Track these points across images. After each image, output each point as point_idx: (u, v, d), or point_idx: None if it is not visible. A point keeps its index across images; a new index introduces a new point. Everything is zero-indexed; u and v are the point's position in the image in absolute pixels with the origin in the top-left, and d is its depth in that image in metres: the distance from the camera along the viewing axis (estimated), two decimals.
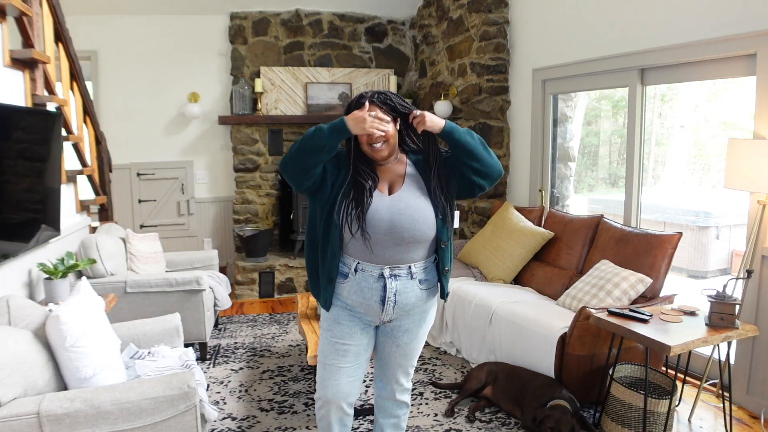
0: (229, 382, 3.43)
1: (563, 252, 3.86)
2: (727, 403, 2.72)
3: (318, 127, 1.87)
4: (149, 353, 2.54)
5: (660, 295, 3.15)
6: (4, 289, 2.63)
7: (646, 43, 3.54)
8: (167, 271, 4.11)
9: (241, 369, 3.63)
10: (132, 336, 2.65)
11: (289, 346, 4.05)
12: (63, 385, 2.09)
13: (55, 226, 3.05)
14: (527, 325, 3.16)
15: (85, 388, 2.00)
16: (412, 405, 3.05)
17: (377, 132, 1.87)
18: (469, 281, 4.01)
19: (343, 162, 1.97)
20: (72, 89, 3.97)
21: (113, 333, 2.39)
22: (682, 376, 3.03)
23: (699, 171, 5.82)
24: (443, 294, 2.11)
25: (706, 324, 2.59)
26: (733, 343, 2.85)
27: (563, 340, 2.90)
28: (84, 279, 2.49)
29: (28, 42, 3.01)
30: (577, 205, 4.98)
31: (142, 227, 5.72)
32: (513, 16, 4.74)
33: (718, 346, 2.72)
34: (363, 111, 1.85)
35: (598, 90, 4.52)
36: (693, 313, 2.73)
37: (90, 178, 4.26)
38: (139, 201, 5.75)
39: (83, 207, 4.09)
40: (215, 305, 4.02)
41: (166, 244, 4.65)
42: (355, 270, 1.96)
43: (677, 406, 2.98)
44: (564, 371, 2.90)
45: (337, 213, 1.92)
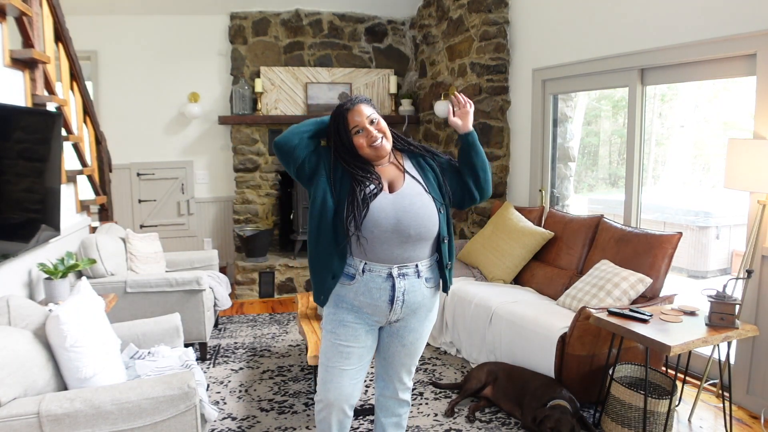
0: (229, 382, 3.43)
1: (563, 252, 3.86)
2: (727, 403, 2.72)
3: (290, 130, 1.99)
4: (149, 353, 2.54)
5: (660, 295, 3.15)
6: (4, 289, 2.63)
7: (646, 43, 3.54)
8: (167, 271, 4.11)
9: (241, 369, 3.63)
10: (132, 336, 2.65)
11: (289, 346, 4.05)
12: (63, 385, 2.09)
13: (55, 226, 3.05)
14: (527, 325, 3.16)
15: (85, 388, 2.00)
16: (412, 405, 3.05)
17: (376, 137, 1.95)
18: (469, 281, 4.01)
19: (338, 166, 1.99)
20: (72, 89, 3.97)
21: (113, 333, 2.39)
22: (682, 376, 3.03)
23: (699, 171, 5.82)
24: (446, 287, 2.11)
25: (706, 324, 2.59)
26: (733, 343, 2.85)
27: (563, 340, 2.90)
28: (84, 279, 2.49)
29: (28, 42, 3.01)
30: (577, 205, 4.98)
31: (142, 227, 5.73)
32: (513, 16, 4.74)
33: (718, 346, 2.72)
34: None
35: (598, 90, 4.52)
36: (693, 313, 2.73)
37: (90, 178, 4.26)
38: (139, 201, 5.75)
39: (83, 207, 4.09)
40: (215, 305, 4.02)
41: (166, 244, 4.65)
42: (363, 271, 1.96)
43: (677, 406, 2.98)
44: (564, 371, 2.90)
45: (343, 217, 1.92)
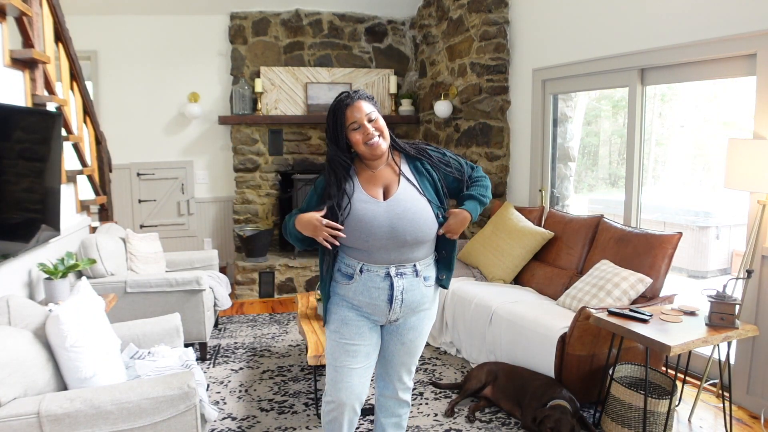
0: (229, 382, 3.43)
1: (563, 252, 3.85)
2: (727, 403, 2.72)
3: (286, 223, 2.04)
4: (149, 353, 2.54)
5: (660, 295, 3.15)
6: (4, 289, 2.63)
7: (646, 43, 3.54)
8: (167, 271, 4.11)
9: (241, 369, 3.63)
10: (132, 336, 2.65)
11: (289, 346, 4.05)
12: (63, 385, 2.09)
13: (55, 226, 3.05)
14: (527, 325, 3.16)
15: (85, 388, 2.00)
16: (411, 405, 3.05)
17: (372, 135, 1.94)
18: (469, 281, 4.01)
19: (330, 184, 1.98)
20: (72, 89, 3.97)
21: (113, 333, 2.39)
22: (682, 376, 3.02)
23: (699, 171, 5.82)
24: (445, 282, 2.10)
25: (706, 324, 2.59)
26: (733, 343, 2.85)
27: (563, 340, 2.90)
28: (84, 279, 2.49)
29: (28, 42, 3.01)
30: (577, 205, 4.98)
31: (142, 227, 5.73)
32: (513, 16, 4.74)
33: (718, 346, 2.72)
34: (313, 216, 1.89)
35: (598, 90, 4.52)
36: (693, 313, 2.73)
37: (90, 178, 4.26)
38: (139, 201, 5.75)
39: (83, 207, 4.09)
40: (215, 305, 4.02)
41: (166, 244, 4.65)
42: (361, 270, 1.96)
43: (677, 406, 2.98)
44: (564, 371, 2.90)
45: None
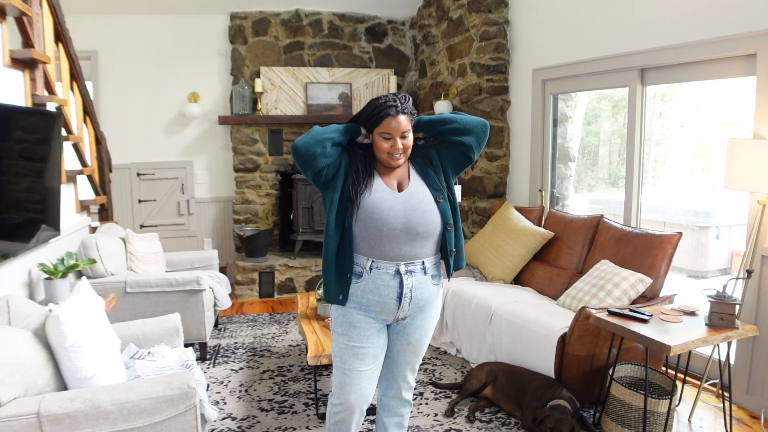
0: (229, 382, 3.43)
1: (563, 252, 3.85)
2: (727, 403, 2.72)
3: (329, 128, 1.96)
4: (149, 353, 2.54)
5: (660, 295, 3.15)
6: (4, 289, 2.63)
7: (646, 43, 3.54)
8: (167, 271, 4.11)
9: (241, 369, 3.63)
10: (132, 336, 2.65)
11: (289, 346, 4.05)
12: (63, 385, 2.09)
13: (55, 226, 3.05)
14: (527, 325, 3.16)
15: (85, 388, 2.00)
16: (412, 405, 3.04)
17: (399, 152, 1.95)
18: (469, 281, 4.01)
19: (357, 164, 2.00)
20: (72, 89, 3.97)
21: (113, 333, 2.39)
22: (682, 376, 3.03)
23: (699, 171, 5.82)
24: (449, 272, 2.08)
25: (706, 324, 2.59)
26: (733, 343, 2.85)
27: (563, 340, 2.90)
28: (84, 279, 2.49)
29: (28, 42, 3.01)
30: (577, 205, 4.98)
31: (142, 227, 5.73)
32: (513, 16, 4.74)
33: (718, 346, 2.72)
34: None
35: (598, 90, 4.52)
36: (693, 313, 2.73)
37: (90, 178, 4.26)
38: (139, 201, 5.75)
39: (83, 207, 4.09)
40: (215, 305, 4.02)
41: (166, 244, 4.65)
42: (370, 269, 1.97)
43: (677, 406, 2.98)
44: (564, 371, 2.90)
45: (347, 201, 1.94)
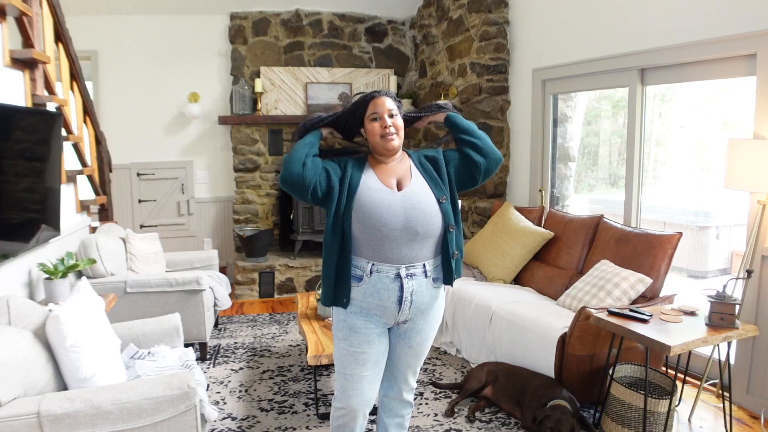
0: (229, 382, 3.43)
1: (563, 252, 3.85)
2: (727, 403, 2.72)
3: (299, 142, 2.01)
4: (149, 353, 2.54)
5: (660, 295, 3.15)
6: (4, 289, 2.63)
7: (646, 43, 3.54)
8: (167, 271, 4.11)
9: (241, 369, 3.63)
10: (132, 336, 2.65)
11: (289, 346, 4.05)
12: (63, 385, 2.09)
13: (55, 226, 3.05)
14: (527, 325, 3.16)
15: (85, 388, 2.00)
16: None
17: (390, 129, 1.98)
18: (469, 281, 4.01)
19: (346, 166, 2.01)
20: (72, 89, 3.97)
21: (113, 333, 2.39)
22: (682, 376, 3.03)
23: (699, 171, 5.82)
24: (451, 279, 2.05)
25: (706, 324, 2.59)
26: (733, 343, 2.85)
27: (563, 340, 2.90)
28: (84, 279, 2.49)
29: (28, 42, 3.01)
30: (577, 205, 4.98)
31: (142, 227, 5.73)
32: (513, 16, 4.74)
33: (718, 346, 2.72)
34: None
35: (598, 90, 4.52)
36: (693, 313, 2.73)
37: (90, 178, 4.26)
38: (139, 201, 5.75)
39: (83, 207, 4.09)
40: (215, 305, 4.02)
41: (166, 244, 4.65)
42: (371, 272, 1.95)
43: (677, 406, 2.98)
44: (564, 371, 2.90)
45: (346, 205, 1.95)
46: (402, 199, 1.95)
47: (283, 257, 5.59)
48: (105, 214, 4.58)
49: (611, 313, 2.69)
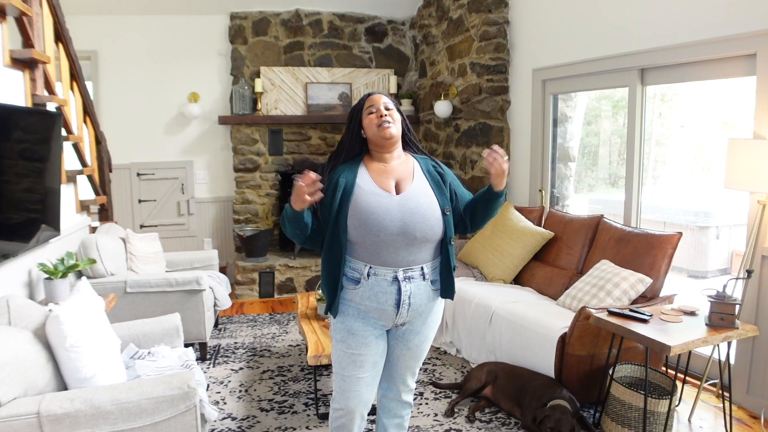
0: (229, 382, 3.43)
1: (563, 252, 3.85)
2: (727, 403, 2.72)
3: (284, 213, 1.93)
4: (149, 353, 2.54)
5: (660, 295, 3.15)
6: (4, 289, 2.63)
7: (646, 43, 3.54)
8: (167, 271, 4.11)
9: (241, 369, 3.63)
10: (132, 336, 2.65)
11: (289, 346, 4.05)
12: (63, 385, 2.09)
13: (55, 226, 3.04)
14: (527, 325, 3.16)
15: (85, 388, 2.00)
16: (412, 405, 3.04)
17: (386, 119, 1.95)
18: (469, 281, 4.01)
19: (338, 180, 1.97)
20: (72, 89, 3.97)
21: (113, 333, 2.39)
22: (682, 376, 3.03)
23: (699, 171, 5.82)
24: (452, 292, 2.06)
25: (706, 324, 2.59)
26: (733, 343, 2.84)
27: (563, 340, 2.90)
28: (84, 279, 2.49)
29: (28, 42, 3.01)
30: (577, 205, 4.97)
31: (142, 227, 5.73)
32: (513, 16, 4.74)
33: (718, 346, 2.72)
34: (299, 180, 1.80)
35: (598, 90, 4.52)
36: (693, 313, 2.73)
37: (90, 178, 4.26)
38: (139, 201, 5.75)
39: (83, 207, 4.09)
40: (215, 305, 4.02)
41: (166, 244, 4.65)
42: (368, 275, 1.93)
43: (677, 406, 2.98)
44: (564, 371, 2.90)
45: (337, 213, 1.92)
46: (400, 203, 1.92)
47: (283, 257, 5.59)
48: (105, 214, 4.58)
49: (611, 313, 2.69)
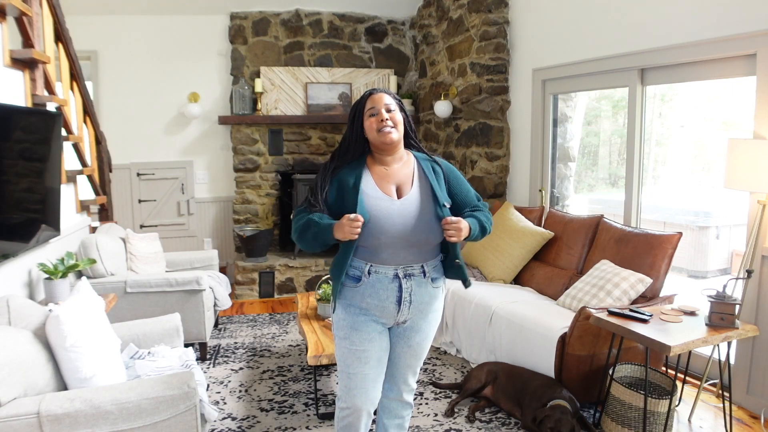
0: (229, 382, 3.43)
1: (563, 252, 3.85)
2: (727, 403, 2.72)
3: (307, 224, 1.91)
4: (149, 353, 2.54)
5: (660, 295, 3.15)
6: (4, 289, 2.63)
7: (646, 43, 3.53)
8: (167, 271, 4.11)
9: (241, 369, 3.63)
10: (132, 336, 2.65)
11: (289, 346, 4.05)
12: (63, 385, 2.09)
13: (55, 226, 3.04)
14: (527, 325, 3.16)
15: (85, 388, 2.00)
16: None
17: (387, 123, 1.92)
18: None
19: (341, 183, 1.98)
20: (72, 89, 3.97)
21: (113, 333, 2.39)
22: (682, 376, 3.02)
23: (699, 171, 5.82)
24: (466, 281, 2.06)
25: (706, 324, 2.59)
26: (733, 343, 2.84)
27: (563, 340, 2.90)
28: (84, 279, 2.49)
29: (28, 42, 3.01)
30: (577, 205, 4.97)
31: (142, 227, 5.73)
32: (513, 16, 4.74)
33: (718, 346, 2.72)
34: (344, 220, 1.84)
35: (598, 90, 4.52)
36: (693, 313, 2.73)
37: (90, 178, 4.26)
38: (139, 201, 5.75)
39: (83, 207, 4.09)
40: (215, 305, 4.02)
41: (166, 244, 4.65)
42: (369, 273, 1.94)
43: (677, 406, 2.98)
44: (564, 371, 2.90)
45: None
46: (401, 208, 1.93)
47: (283, 257, 5.59)
48: (105, 214, 4.58)
49: (611, 313, 2.69)
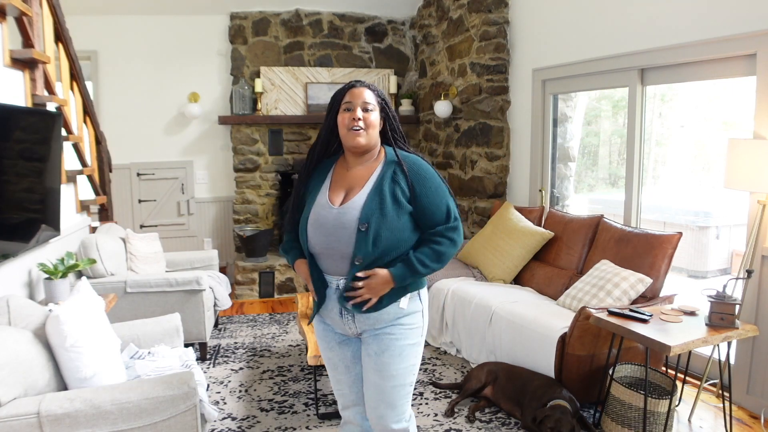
0: (229, 382, 3.43)
1: (563, 252, 3.85)
2: (727, 403, 2.72)
3: (284, 248, 2.00)
4: (149, 353, 2.54)
5: (660, 295, 3.15)
6: (4, 289, 2.63)
7: (646, 43, 3.53)
8: (167, 271, 4.11)
9: (241, 369, 3.63)
10: (132, 336, 2.65)
11: (289, 346, 4.05)
12: (63, 385, 2.09)
13: (55, 226, 3.04)
14: (527, 325, 3.16)
15: (85, 388, 2.00)
16: (411, 405, 2.99)
17: (358, 124, 1.78)
18: (469, 281, 4.01)
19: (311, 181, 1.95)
20: (72, 89, 3.97)
21: (113, 333, 2.39)
22: (682, 376, 3.03)
23: (699, 171, 5.82)
24: (404, 293, 1.83)
25: (706, 324, 2.59)
26: (733, 343, 2.84)
27: (563, 340, 2.90)
28: (84, 279, 2.49)
29: (28, 42, 3.01)
30: (577, 205, 4.98)
31: (142, 227, 5.73)
32: (513, 16, 4.74)
33: (718, 346, 2.72)
34: (303, 276, 1.90)
35: (598, 90, 4.52)
36: (693, 313, 2.73)
37: (90, 178, 4.26)
38: (139, 201, 5.75)
39: (83, 207, 4.09)
40: (215, 305, 4.02)
41: (166, 244, 4.65)
42: (322, 282, 1.86)
43: (677, 406, 2.98)
44: (564, 371, 2.90)
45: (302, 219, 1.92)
46: (337, 216, 1.76)
47: (283, 257, 5.58)
48: (105, 214, 4.58)
49: (611, 313, 2.69)
